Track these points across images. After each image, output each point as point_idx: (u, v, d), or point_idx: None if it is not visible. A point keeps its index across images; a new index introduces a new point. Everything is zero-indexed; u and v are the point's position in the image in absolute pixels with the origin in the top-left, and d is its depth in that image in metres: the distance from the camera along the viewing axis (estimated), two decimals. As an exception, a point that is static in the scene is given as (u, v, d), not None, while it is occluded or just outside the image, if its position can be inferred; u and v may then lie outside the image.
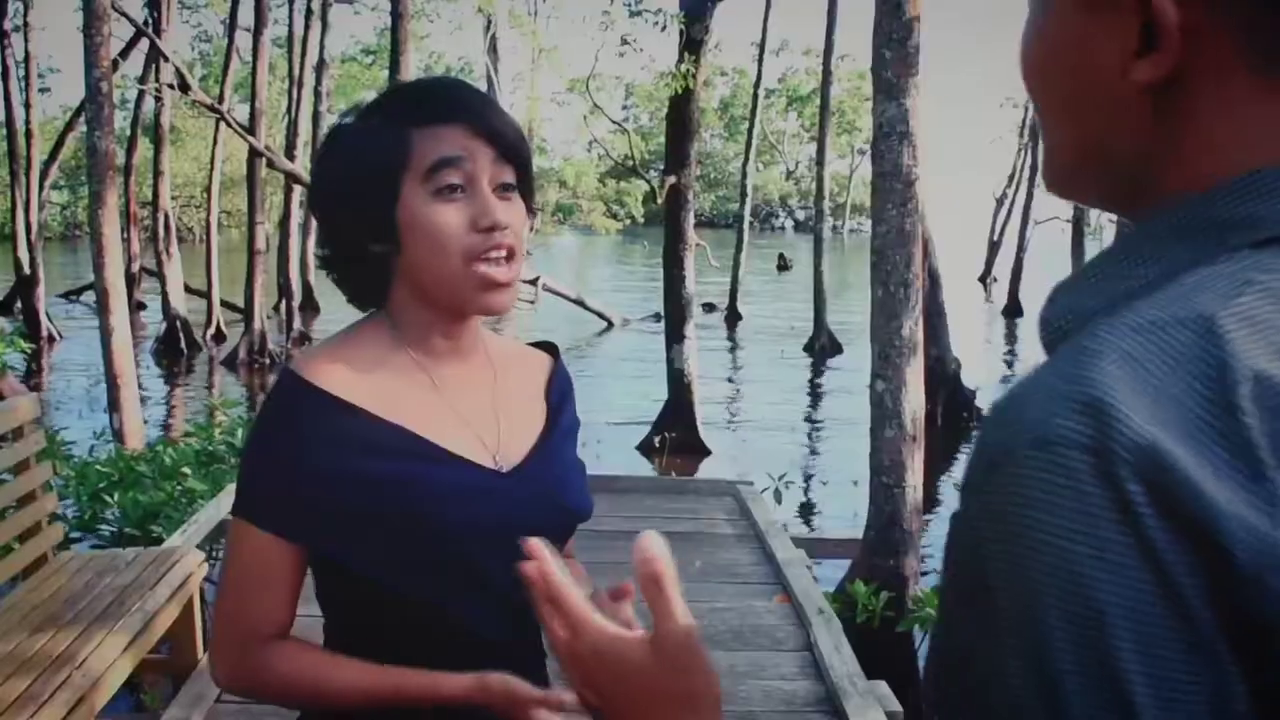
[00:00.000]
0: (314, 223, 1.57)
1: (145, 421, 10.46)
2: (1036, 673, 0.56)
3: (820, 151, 23.00)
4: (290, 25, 25.74)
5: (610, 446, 12.20)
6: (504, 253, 1.43)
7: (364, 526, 1.42)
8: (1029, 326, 23.17)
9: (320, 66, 23.14)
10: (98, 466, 7.48)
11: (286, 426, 1.44)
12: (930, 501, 8.93)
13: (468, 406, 1.53)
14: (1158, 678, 0.54)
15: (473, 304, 1.46)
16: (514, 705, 1.36)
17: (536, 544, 0.93)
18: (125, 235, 22.07)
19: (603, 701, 0.91)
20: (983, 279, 39.50)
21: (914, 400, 6.39)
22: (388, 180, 1.42)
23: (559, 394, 1.64)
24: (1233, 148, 0.65)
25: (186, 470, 7.36)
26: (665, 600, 0.86)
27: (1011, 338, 26.11)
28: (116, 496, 6.84)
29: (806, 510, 10.84)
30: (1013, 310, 29.52)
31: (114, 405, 9.28)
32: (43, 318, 20.97)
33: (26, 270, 21.03)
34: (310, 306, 25.20)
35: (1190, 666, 0.54)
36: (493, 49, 30.11)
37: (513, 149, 1.47)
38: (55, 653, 3.53)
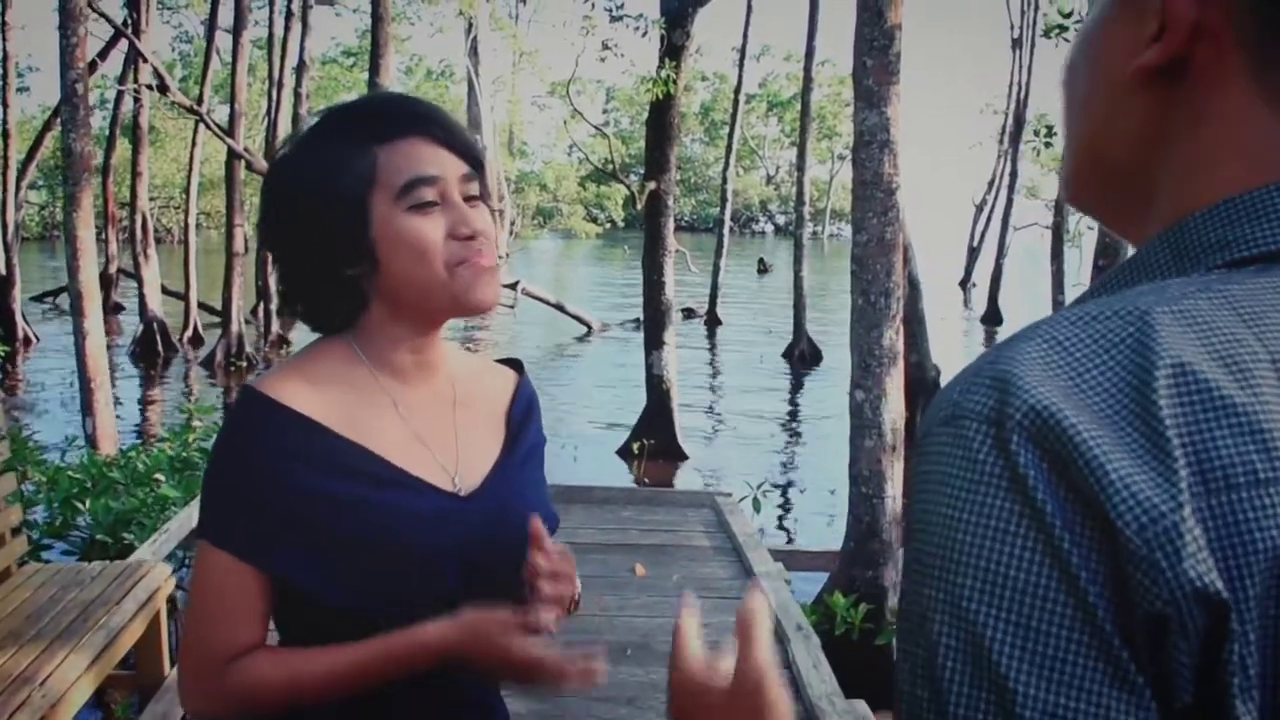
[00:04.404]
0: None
1: (119, 419, 10.35)
2: (926, 636, 0.57)
3: (801, 157, 23.01)
4: (270, 26, 25.55)
5: (588, 452, 12.17)
6: (483, 259, 1.44)
7: (327, 546, 1.39)
8: (1009, 333, 23.23)
9: (300, 68, 22.93)
10: (69, 473, 7.37)
11: (249, 444, 1.41)
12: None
13: (428, 428, 1.52)
14: (1034, 651, 0.53)
15: (460, 304, 1.44)
16: (497, 634, 1.38)
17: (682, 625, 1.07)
18: (103, 236, 21.93)
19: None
20: (963, 284, 39.59)
21: (893, 410, 6.36)
22: (358, 202, 1.41)
23: (521, 414, 1.63)
24: (1225, 162, 0.66)
25: (160, 476, 7.27)
26: (748, 646, 0.96)
27: (991, 344, 26.10)
28: (88, 503, 6.75)
29: (784, 518, 10.80)
30: (992, 317, 29.53)
31: (88, 409, 9.20)
32: (18, 319, 20.80)
33: (3, 271, 20.86)
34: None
35: (1074, 638, 0.53)
36: (474, 52, 30.03)
37: (473, 156, 1.48)
38: (15, 672, 3.44)
